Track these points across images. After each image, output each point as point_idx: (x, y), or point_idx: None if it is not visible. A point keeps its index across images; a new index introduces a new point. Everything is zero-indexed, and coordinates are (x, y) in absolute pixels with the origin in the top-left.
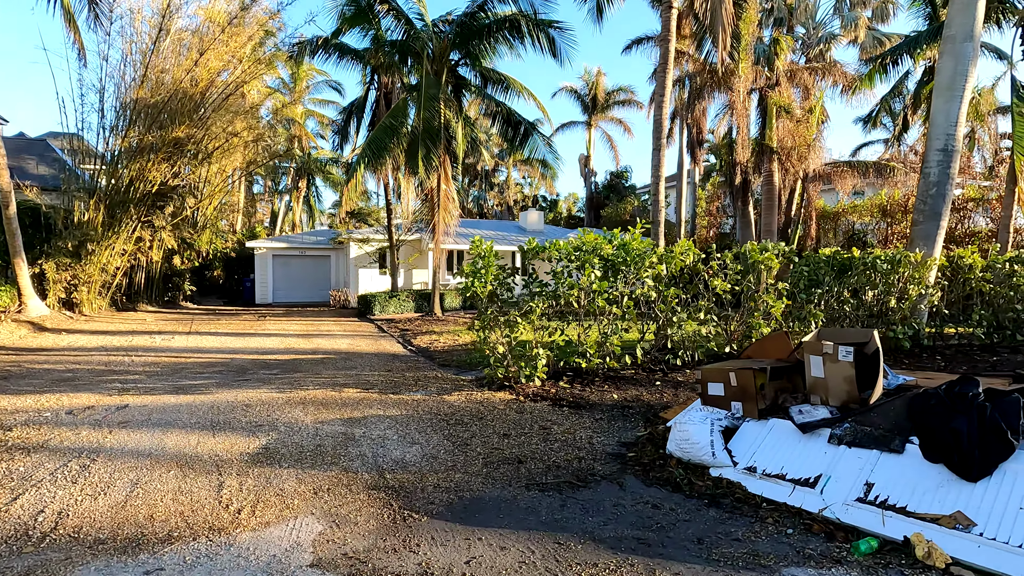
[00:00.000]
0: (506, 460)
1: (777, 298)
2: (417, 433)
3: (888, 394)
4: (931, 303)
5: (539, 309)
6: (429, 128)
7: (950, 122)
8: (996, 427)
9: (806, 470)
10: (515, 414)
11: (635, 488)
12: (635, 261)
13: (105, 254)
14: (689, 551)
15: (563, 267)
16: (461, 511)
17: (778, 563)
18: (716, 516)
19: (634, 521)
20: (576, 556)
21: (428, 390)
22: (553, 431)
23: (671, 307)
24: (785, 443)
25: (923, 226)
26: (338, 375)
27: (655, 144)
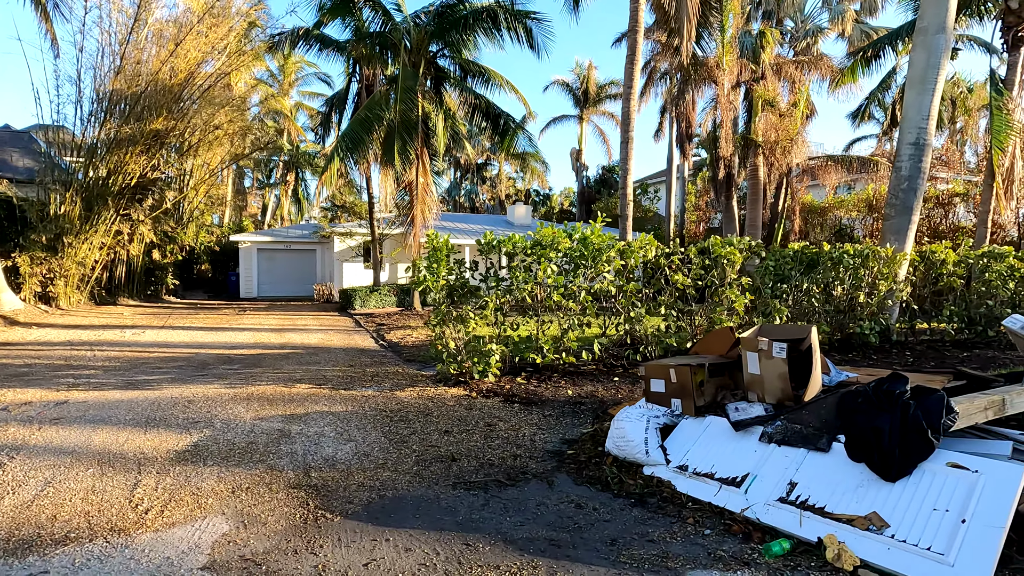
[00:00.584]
0: (440, 458)
1: (740, 293)
2: (356, 430)
3: (826, 391)
4: (899, 298)
5: (492, 304)
6: (406, 121)
7: (922, 115)
8: (917, 426)
9: (734, 469)
10: (463, 410)
11: (564, 487)
12: (593, 255)
13: (82, 248)
14: (599, 553)
15: (519, 261)
16: (378, 511)
17: (685, 565)
18: (638, 516)
19: (552, 521)
20: (481, 558)
21: (382, 386)
22: (498, 428)
23: (631, 302)
24: (719, 441)
25: (894, 221)
26: (297, 370)
27: (623, 137)
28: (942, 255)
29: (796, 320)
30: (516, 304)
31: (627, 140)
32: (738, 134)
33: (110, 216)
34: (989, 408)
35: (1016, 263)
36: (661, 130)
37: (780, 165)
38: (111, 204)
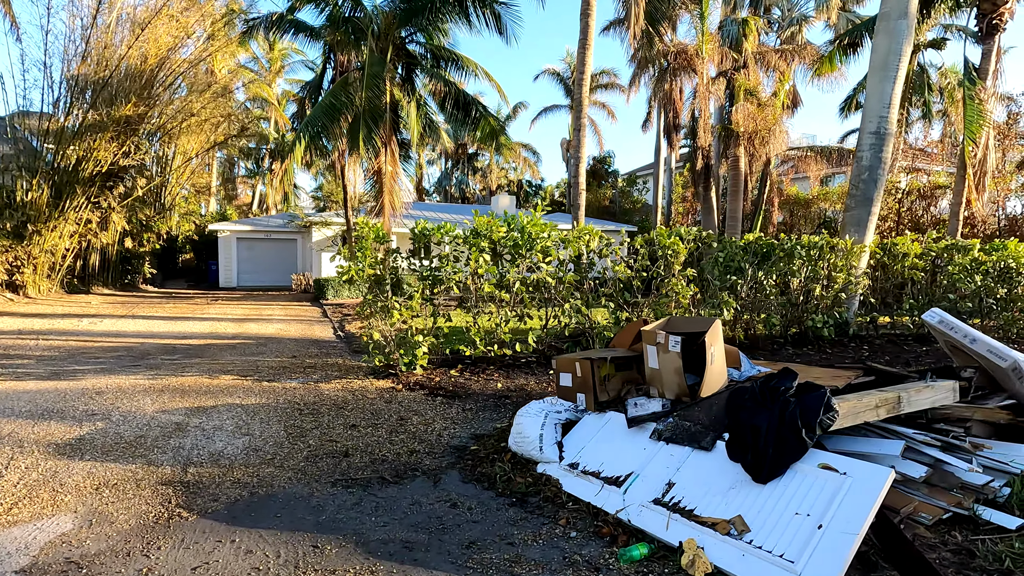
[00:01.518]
0: (333, 453)
1: (687, 284)
2: (258, 424)
3: (729, 387)
4: (853, 291)
5: (418, 295)
6: (372, 108)
7: (883, 103)
8: (793, 425)
9: (620, 468)
10: (382, 404)
11: (450, 485)
12: (528, 244)
13: (51, 235)
14: (450, 556)
15: (450, 250)
16: (241, 510)
17: (531, 571)
18: (512, 517)
19: (418, 522)
20: (321, 562)
21: (310, 377)
22: (410, 422)
23: (570, 293)
24: (614, 438)
25: (854, 212)
26: (235, 361)
27: (575, 124)
28: (904, 247)
29: (753, 313)
30: (456, 295)
31: (579, 128)
32: (719, 124)
33: (81, 203)
34: (881, 406)
35: (982, 256)
36: (649, 120)
37: (760, 156)
38: (79, 191)
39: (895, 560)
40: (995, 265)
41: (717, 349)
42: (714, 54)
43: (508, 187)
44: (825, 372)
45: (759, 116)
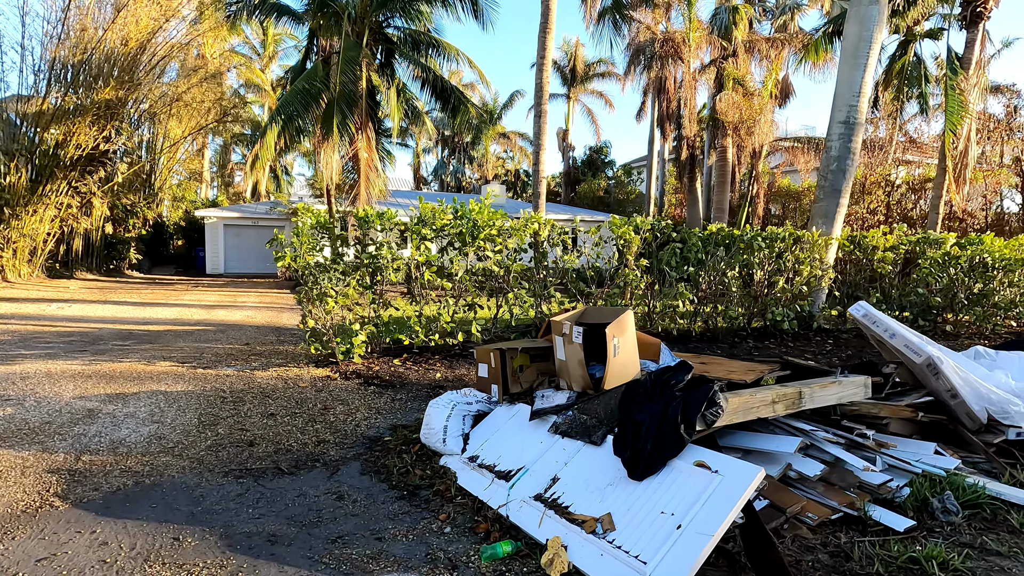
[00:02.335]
0: (238, 442)
1: (641, 274)
2: (174, 411)
3: None
4: (816, 284)
5: (354, 282)
6: (346, 93)
7: (853, 92)
8: (674, 420)
9: (515, 461)
10: (311, 392)
11: (346, 477)
12: (472, 233)
13: (30, 219)
14: (311, 551)
15: (391, 238)
16: (119, 499)
17: (385, 568)
18: (394, 511)
19: (296, 514)
20: (175, 555)
21: (251, 365)
22: (332, 412)
23: (518, 282)
24: (517, 431)
25: (822, 203)
26: (184, 348)
27: (536, 111)
28: (874, 240)
29: (714, 305)
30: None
31: (540, 114)
32: (708, 114)
33: (61, 188)
34: (779, 401)
35: (955, 251)
36: (643, 110)
37: (747, 146)
38: (59, 175)
39: (755, 561)
40: (970, 260)
41: (624, 341)
42: (702, 42)
43: (506, 176)
44: (742, 366)
45: (745, 106)
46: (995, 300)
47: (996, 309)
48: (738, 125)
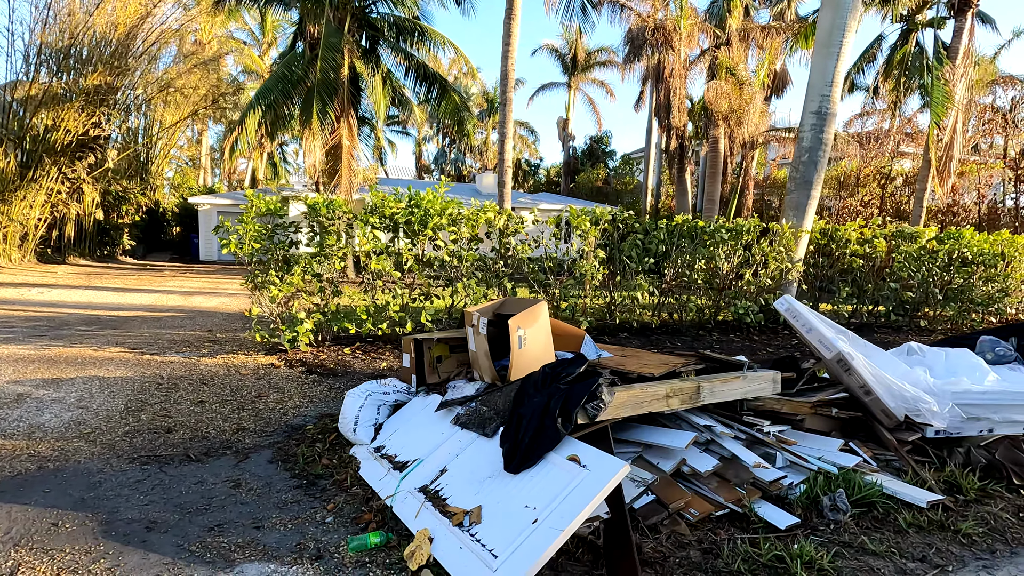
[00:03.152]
0: (157, 429)
1: (600, 265)
2: (104, 397)
3: None
4: (778, 277)
5: (298, 269)
6: (327, 81)
7: (825, 81)
8: (552, 412)
9: (414, 452)
10: (251, 380)
11: (253, 465)
12: (421, 221)
13: (19, 205)
14: (184, 539)
15: (338, 226)
16: (16, 484)
17: (252, 555)
18: (286, 499)
19: (185, 502)
20: (48, 540)
21: (201, 351)
22: (266, 399)
23: (471, 272)
24: (425, 422)
25: (794, 195)
26: (145, 333)
27: (501, 99)
28: (847, 234)
29: (679, 297)
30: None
31: (505, 102)
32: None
33: (51, 173)
34: (674, 396)
35: (933, 245)
36: (642, 100)
37: (737, 137)
38: (48, 161)
39: (609, 556)
40: (948, 254)
41: (534, 332)
42: (694, 30)
43: None
44: (660, 359)
45: (734, 95)
46: (972, 296)
47: (973, 305)
48: (728, 115)
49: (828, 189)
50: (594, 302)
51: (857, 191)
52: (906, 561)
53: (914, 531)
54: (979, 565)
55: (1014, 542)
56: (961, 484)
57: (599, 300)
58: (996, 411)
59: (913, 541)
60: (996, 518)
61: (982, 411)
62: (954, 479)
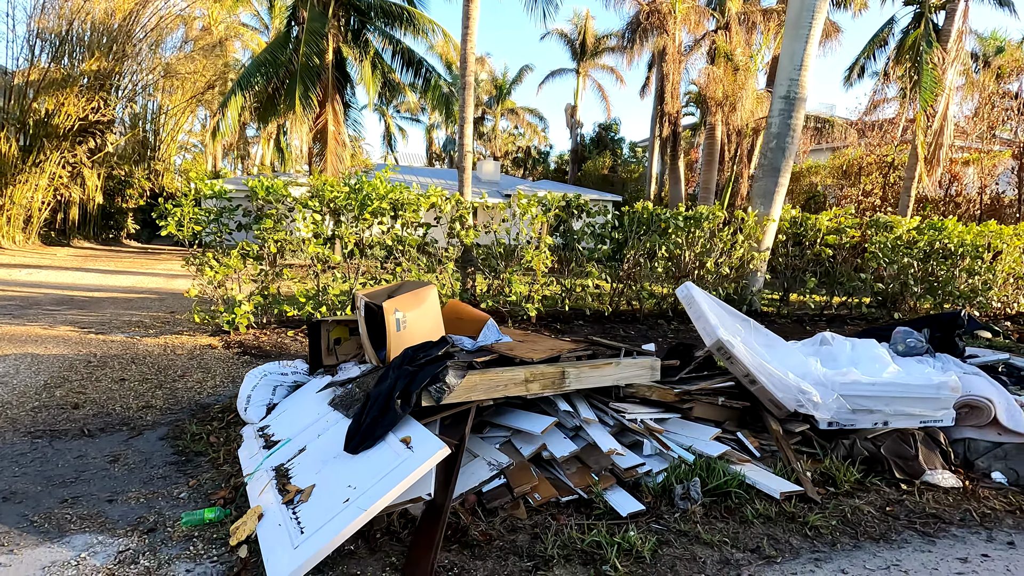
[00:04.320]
0: (65, 405)
1: (550, 252)
2: (27, 373)
3: None
4: (737, 266)
5: (235, 253)
6: (309, 66)
7: (794, 65)
8: (394, 394)
9: (288, 432)
10: (183, 360)
11: (143, 441)
12: (361, 206)
13: (22, 188)
14: (34, 510)
15: (275, 210)
16: None
17: (88, 527)
18: (157, 475)
19: (56, 475)
20: None
21: (147, 332)
22: (188, 379)
23: (415, 257)
24: (309, 403)
25: (761, 183)
26: (107, 313)
27: (461, 83)
28: (819, 223)
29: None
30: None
31: (465, 86)
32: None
33: (53, 158)
34: (535, 381)
35: (912, 236)
36: (648, 86)
37: (732, 124)
38: (48, 145)
39: (414, 536)
40: (930, 245)
41: (415, 315)
42: (691, 13)
43: (515, 154)
44: (551, 344)
45: (728, 81)
46: (950, 289)
47: (952, 297)
48: (722, 101)
49: (831, 179)
50: (547, 289)
51: (859, 180)
52: (735, 551)
53: (760, 522)
54: (812, 558)
55: (863, 536)
56: (836, 476)
57: (555, 287)
58: (888, 403)
59: (754, 532)
60: (857, 511)
61: (872, 403)
62: (831, 471)
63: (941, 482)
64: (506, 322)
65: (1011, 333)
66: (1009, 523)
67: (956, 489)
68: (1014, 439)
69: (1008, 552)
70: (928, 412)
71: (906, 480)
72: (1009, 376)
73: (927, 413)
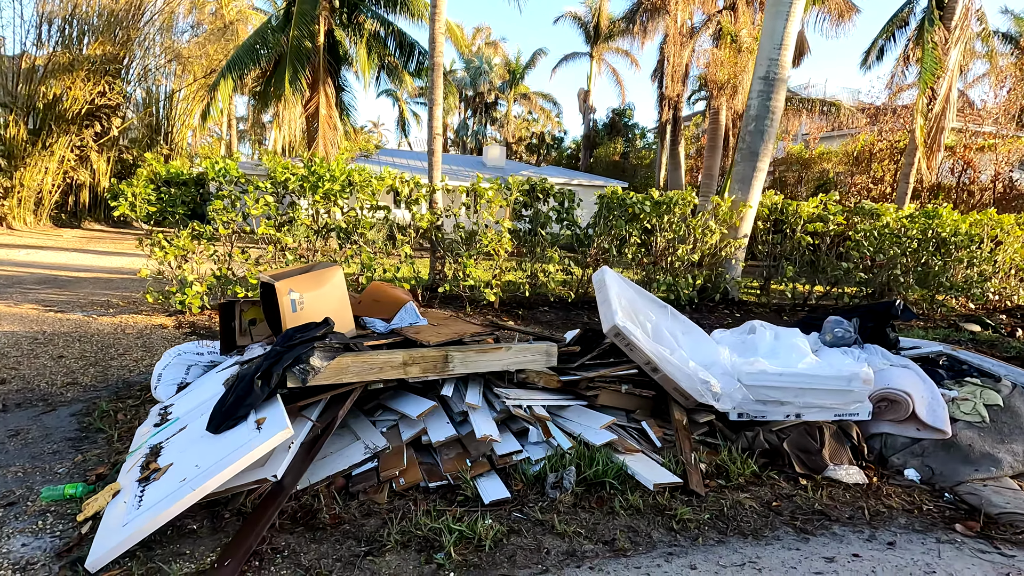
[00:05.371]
0: None
1: (510, 236)
2: None
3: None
4: (714, 254)
5: (185, 234)
6: (299, 49)
7: (774, 43)
8: (255, 373)
9: (183, 411)
10: (130, 339)
11: (54, 417)
12: (312, 188)
13: (31, 171)
14: None
15: (228, 192)
16: None
17: None
18: (51, 450)
19: None
20: None
21: (107, 311)
22: (126, 357)
23: (367, 240)
24: (212, 383)
25: (739, 167)
26: (80, 293)
27: (429, 63)
28: (800, 210)
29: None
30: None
31: (434, 67)
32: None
33: (61, 141)
34: (413, 364)
35: (904, 224)
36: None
37: (732, 107)
38: (56, 129)
39: (246, 520)
40: (923, 233)
41: (315, 296)
42: None
43: (529, 139)
44: (461, 329)
45: (731, 63)
46: (943, 279)
47: (943, 289)
48: (724, 84)
49: (843, 166)
50: (510, 275)
51: (870, 167)
52: (586, 543)
53: (627, 513)
54: (666, 552)
55: (733, 532)
56: (729, 468)
57: (519, 273)
58: (797, 395)
59: (617, 524)
60: (738, 506)
61: (781, 394)
62: (726, 464)
63: (844, 478)
64: (464, 307)
65: (1004, 327)
66: (901, 522)
67: (860, 486)
68: (933, 435)
69: (883, 553)
70: (840, 405)
71: (807, 475)
72: (949, 369)
73: (839, 406)
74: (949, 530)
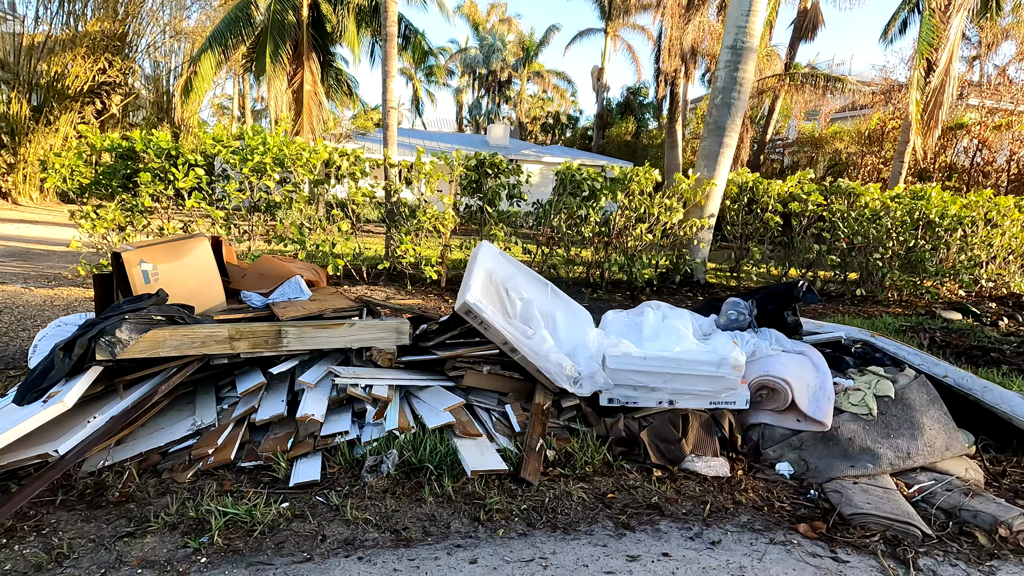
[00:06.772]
0: None
1: (454, 213)
2: None
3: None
4: (673, 234)
5: (113, 207)
6: (280, 23)
7: (742, 10)
8: (63, 347)
9: None
10: (54, 312)
11: None
12: (242, 161)
13: (35, 148)
14: None
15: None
16: None
17: None
18: None
19: None
20: None
21: (49, 284)
22: (37, 330)
23: (307, 216)
24: None
25: (706, 143)
26: (44, 267)
27: (383, 33)
28: (772, 189)
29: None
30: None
31: (387, 37)
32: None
33: (65, 118)
34: (241, 339)
35: (888, 204)
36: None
37: None
38: (57, 107)
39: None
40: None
41: (173, 268)
42: None
43: (543, 119)
44: (329, 304)
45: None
46: (928, 265)
47: (929, 274)
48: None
49: (855, 147)
50: (458, 252)
51: (882, 147)
52: (372, 531)
53: (435, 501)
54: (453, 544)
55: (543, 525)
56: (576, 457)
57: (466, 251)
58: (666, 380)
59: (418, 512)
60: (565, 496)
61: (647, 379)
62: (575, 451)
63: (704, 470)
64: (406, 285)
65: (990, 315)
66: (742, 520)
67: (720, 479)
68: (813, 427)
69: (699, 553)
70: (713, 392)
71: (663, 466)
72: (862, 357)
73: (712, 393)
74: (791, 531)
